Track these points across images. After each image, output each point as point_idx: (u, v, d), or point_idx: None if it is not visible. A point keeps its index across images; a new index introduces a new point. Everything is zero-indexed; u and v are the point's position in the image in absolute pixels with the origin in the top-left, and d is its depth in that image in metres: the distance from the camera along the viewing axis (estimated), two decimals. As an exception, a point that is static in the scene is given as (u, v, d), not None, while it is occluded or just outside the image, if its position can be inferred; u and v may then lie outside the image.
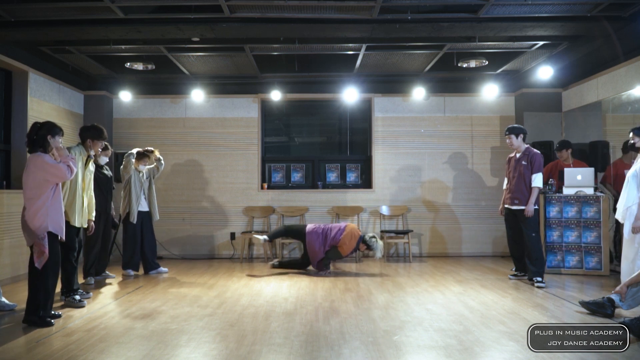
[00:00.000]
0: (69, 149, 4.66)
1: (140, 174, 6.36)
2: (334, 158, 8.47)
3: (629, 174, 4.74)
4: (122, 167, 6.26)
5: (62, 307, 4.54)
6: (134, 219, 6.19)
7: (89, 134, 4.82)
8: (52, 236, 4.00)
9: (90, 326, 3.92)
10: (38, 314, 3.94)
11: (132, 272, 6.29)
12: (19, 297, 4.90)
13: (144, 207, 6.38)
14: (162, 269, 6.55)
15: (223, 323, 4.00)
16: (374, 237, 6.38)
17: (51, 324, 3.94)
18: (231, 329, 3.82)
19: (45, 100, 6.68)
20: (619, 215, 4.78)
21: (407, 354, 3.27)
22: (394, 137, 8.10)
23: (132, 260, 6.29)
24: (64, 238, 4.14)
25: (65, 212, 4.56)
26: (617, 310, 4.09)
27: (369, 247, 6.31)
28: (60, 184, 4.13)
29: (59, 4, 5.02)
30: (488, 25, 5.58)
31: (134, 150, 6.31)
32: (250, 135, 8.08)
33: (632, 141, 4.83)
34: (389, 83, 8.18)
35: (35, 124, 4.09)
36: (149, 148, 6.51)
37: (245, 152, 8.07)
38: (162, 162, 6.60)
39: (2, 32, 5.62)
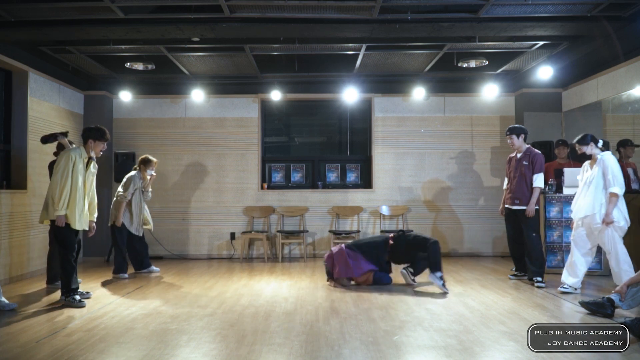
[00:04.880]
0: (66, 152, 4.66)
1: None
2: (334, 158, 8.46)
3: (585, 179, 4.94)
4: (135, 175, 6.30)
5: (62, 307, 4.55)
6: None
7: (91, 134, 4.83)
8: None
9: (90, 326, 3.92)
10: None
11: (125, 275, 6.21)
12: (19, 297, 4.91)
13: None
14: (154, 267, 6.62)
15: (223, 323, 4.00)
16: None
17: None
18: (231, 329, 3.82)
19: (45, 100, 6.67)
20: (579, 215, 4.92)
21: (407, 354, 3.27)
22: (394, 137, 8.10)
23: (124, 263, 6.27)
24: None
25: (66, 214, 4.58)
26: (617, 310, 4.09)
27: None
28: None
29: (59, 4, 5.02)
30: (488, 25, 5.58)
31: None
32: (250, 135, 8.08)
33: (581, 151, 4.99)
34: (389, 83, 8.18)
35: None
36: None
37: (245, 152, 8.07)
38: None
39: (2, 32, 5.62)
